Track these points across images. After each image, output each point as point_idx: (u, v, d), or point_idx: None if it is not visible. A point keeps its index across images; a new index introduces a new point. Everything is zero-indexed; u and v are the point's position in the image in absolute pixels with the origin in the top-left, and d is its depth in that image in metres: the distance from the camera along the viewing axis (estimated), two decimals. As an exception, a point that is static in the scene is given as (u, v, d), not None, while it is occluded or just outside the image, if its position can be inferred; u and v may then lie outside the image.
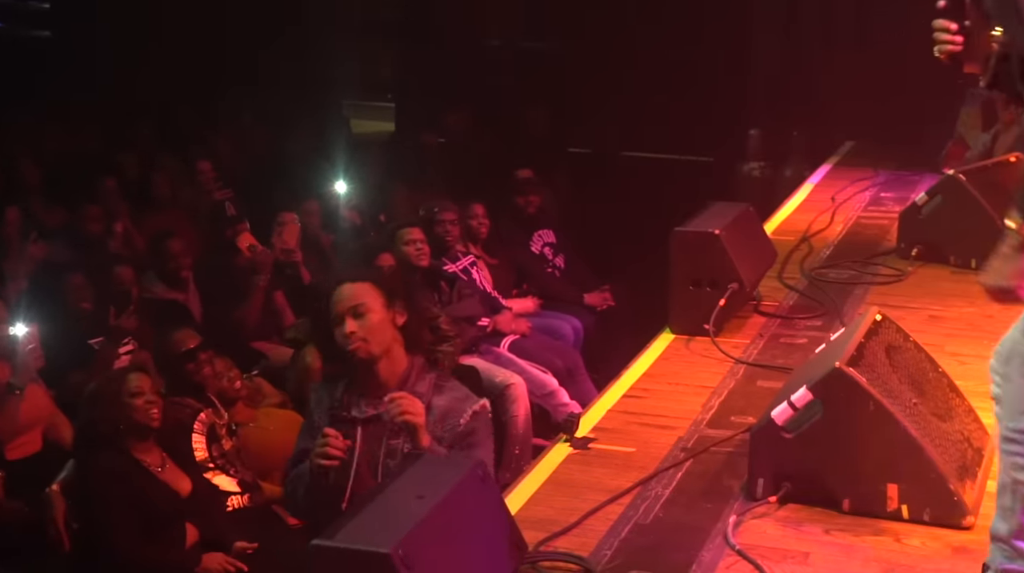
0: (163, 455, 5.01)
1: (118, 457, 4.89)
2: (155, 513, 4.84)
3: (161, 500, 4.87)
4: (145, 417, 4.89)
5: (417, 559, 2.62)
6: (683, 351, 5.08)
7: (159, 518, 4.84)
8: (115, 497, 4.78)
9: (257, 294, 7.23)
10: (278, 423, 5.88)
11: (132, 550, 4.74)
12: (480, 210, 7.75)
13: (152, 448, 4.99)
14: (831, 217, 7.16)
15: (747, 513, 3.61)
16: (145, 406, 4.89)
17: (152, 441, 4.99)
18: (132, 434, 4.92)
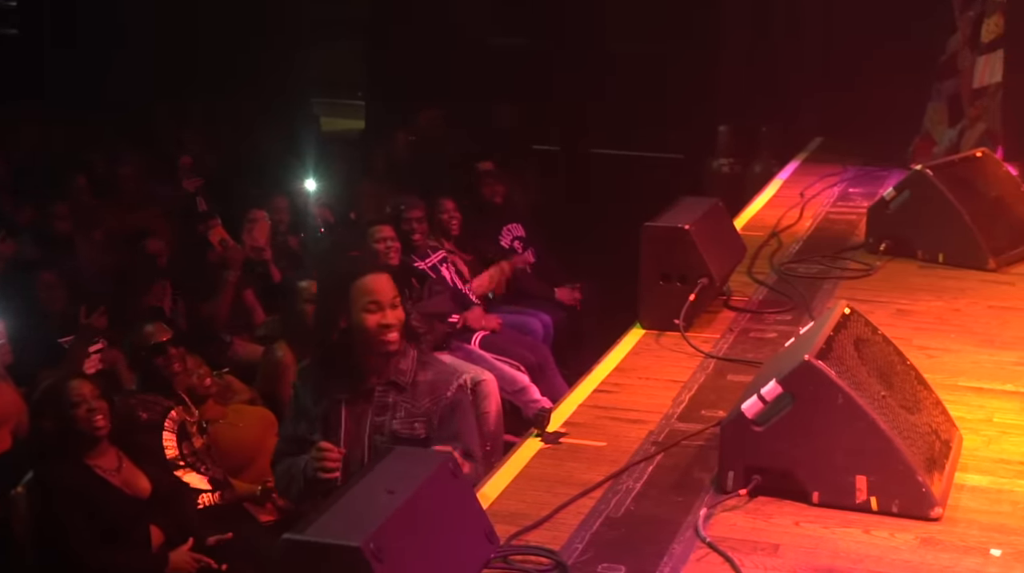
0: (119, 456, 4.95)
1: (69, 467, 4.82)
2: (113, 519, 4.79)
3: (118, 506, 4.81)
4: (88, 425, 4.83)
5: (388, 553, 2.63)
6: (653, 346, 5.09)
7: (118, 523, 4.79)
8: (70, 508, 4.72)
9: (228, 290, 7.21)
10: (248, 420, 5.87)
11: (94, 558, 4.70)
12: (450, 205, 7.75)
13: (107, 450, 4.92)
14: (800, 212, 7.19)
15: (717, 506, 3.62)
16: (87, 415, 4.83)
17: (106, 443, 4.93)
18: (79, 443, 4.86)
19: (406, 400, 4.02)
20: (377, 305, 3.96)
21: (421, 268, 7.17)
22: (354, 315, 3.97)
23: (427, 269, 7.22)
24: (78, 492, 4.76)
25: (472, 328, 7.11)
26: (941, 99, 8.25)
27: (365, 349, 4.00)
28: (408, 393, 4.03)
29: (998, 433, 4.18)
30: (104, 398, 4.94)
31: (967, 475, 3.84)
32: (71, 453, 4.85)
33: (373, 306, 3.95)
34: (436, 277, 7.21)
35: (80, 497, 4.75)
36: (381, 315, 3.94)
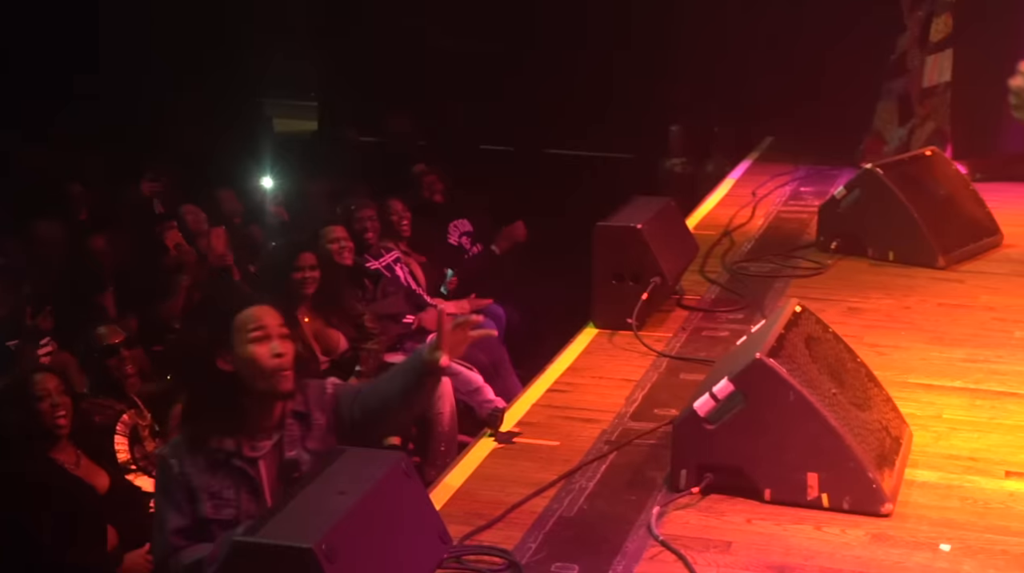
0: (77, 453, 4.94)
1: (31, 461, 4.80)
2: (73, 510, 4.77)
3: (78, 497, 4.80)
4: (51, 420, 4.81)
5: (340, 554, 2.62)
6: (606, 345, 5.11)
7: (78, 515, 4.77)
8: (31, 501, 4.69)
9: (180, 293, 7.16)
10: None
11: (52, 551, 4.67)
12: (399, 206, 7.73)
13: (66, 447, 4.92)
14: (752, 211, 7.23)
15: (670, 504, 3.64)
16: (51, 410, 4.81)
17: (65, 441, 4.92)
18: (42, 439, 4.84)
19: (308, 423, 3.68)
20: (263, 333, 3.59)
21: (375, 268, 7.15)
22: (238, 349, 3.57)
23: (381, 269, 7.20)
24: (40, 483, 4.74)
25: (426, 329, 7.10)
26: (891, 98, 8.31)
27: (254, 388, 3.58)
28: (307, 415, 3.69)
29: (947, 429, 4.22)
30: (67, 395, 4.92)
31: (917, 471, 3.87)
32: (34, 446, 4.82)
33: (259, 334, 3.58)
34: (390, 277, 7.19)
35: (42, 488, 4.73)
36: (269, 345, 3.57)
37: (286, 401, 3.64)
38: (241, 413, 3.62)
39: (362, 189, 8.53)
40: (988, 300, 5.63)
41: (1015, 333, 5.23)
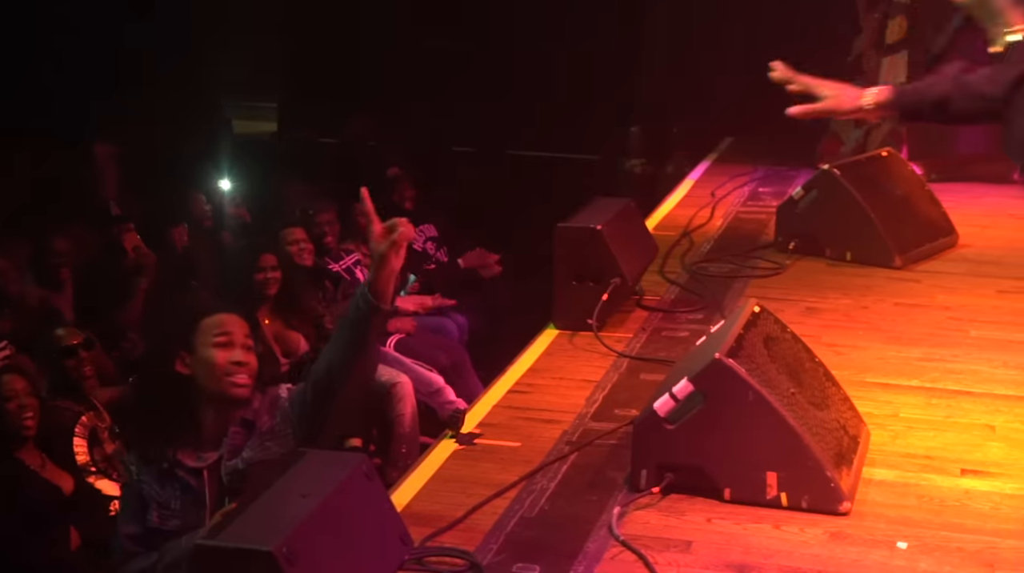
0: (42, 456, 4.94)
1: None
2: (38, 510, 4.75)
3: (43, 497, 4.79)
4: (17, 421, 4.80)
5: (301, 557, 2.62)
6: (567, 346, 5.12)
7: (42, 515, 4.76)
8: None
9: (139, 295, 7.13)
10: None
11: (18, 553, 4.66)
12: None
13: (32, 449, 4.91)
14: (711, 212, 7.26)
15: (631, 504, 3.65)
16: (18, 411, 4.80)
17: (31, 443, 4.91)
18: (8, 440, 4.82)
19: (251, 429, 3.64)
20: (227, 339, 3.58)
21: (335, 270, 7.14)
22: (200, 351, 3.56)
23: (341, 271, 7.19)
24: (7, 482, 4.71)
25: (387, 331, 7.10)
26: (848, 100, 8.36)
27: (210, 393, 3.58)
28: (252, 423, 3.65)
29: (904, 428, 4.25)
30: (35, 396, 4.91)
31: (874, 469, 3.90)
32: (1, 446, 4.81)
33: (223, 339, 3.57)
34: (350, 279, 7.19)
35: (8, 488, 4.71)
36: (232, 352, 3.56)
37: (236, 410, 3.59)
38: (191, 421, 3.59)
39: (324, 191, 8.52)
40: (944, 300, 5.68)
41: (971, 332, 5.28)
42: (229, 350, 3.58)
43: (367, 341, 3.57)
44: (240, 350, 3.59)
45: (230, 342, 3.59)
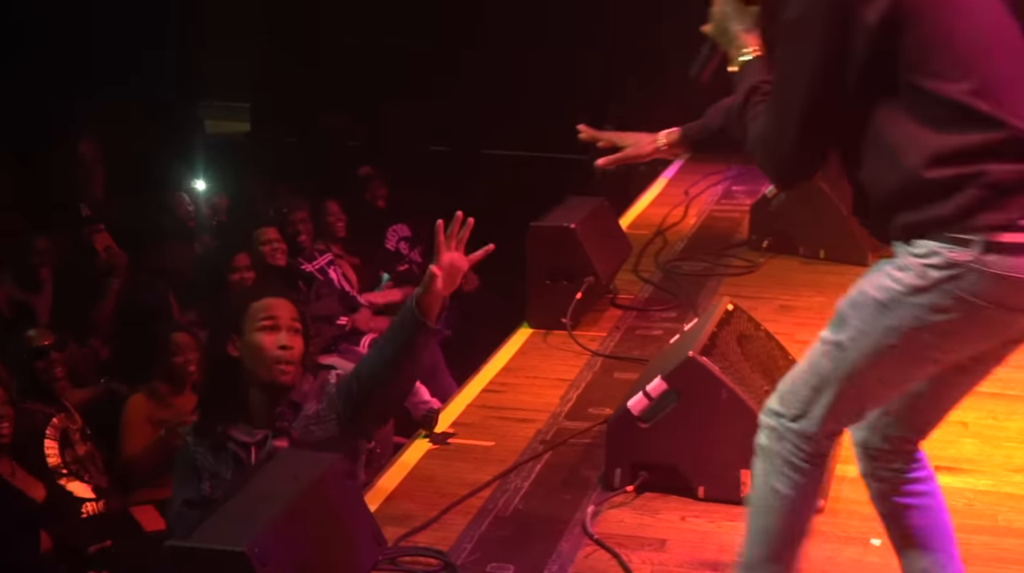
0: (12, 464, 4.89)
1: None
2: (10, 522, 4.71)
3: (16, 508, 4.75)
4: None
5: (273, 557, 2.61)
6: (541, 345, 5.12)
7: (12, 525, 4.72)
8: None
9: (110, 297, 7.09)
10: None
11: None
12: (334, 207, 7.70)
13: (2, 458, 4.86)
14: (685, 211, 7.27)
15: (605, 503, 3.66)
16: None
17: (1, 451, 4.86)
18: None
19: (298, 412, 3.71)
20: (274, 323, 3.63)
21: (308, 270, 7.12)
22: (247, 336, 3.63)
23: (314, 271, 7.17)
24: None
25: (360, 330, 7.08)
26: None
27: (256, 377, 3.65)
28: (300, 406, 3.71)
29: (878, 425, 4.26)
30: (10, 405, 4.87)
31: (848, 466, 3.87)
32: None
33: (269, 323, 3.63)
34: (323, 279, 7.17)
35: None
36: (278, 335, 3.62)
37: (285, 393, 3.67)
38: (243, 399, 3.68)
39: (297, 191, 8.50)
40: (917, 297, 5.69)
41: (944, 329, 5.30)
42: (275, 333, 3.64)
43: (409, 351, 3.61)
44: (286, 333, 3.65)
45: (276, 326, 3.65)
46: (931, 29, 2.42)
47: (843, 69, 2.46)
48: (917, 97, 2.42)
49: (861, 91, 2.47)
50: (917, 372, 2.60)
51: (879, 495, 2.87)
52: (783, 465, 2.66)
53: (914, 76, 2.42)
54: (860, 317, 2.57)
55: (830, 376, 2.60)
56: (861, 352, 2.55)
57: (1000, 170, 2.35)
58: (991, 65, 2.42)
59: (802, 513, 2.72)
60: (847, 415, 2.67)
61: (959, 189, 2.36)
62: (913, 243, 2.45)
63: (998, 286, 2.38)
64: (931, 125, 2.40)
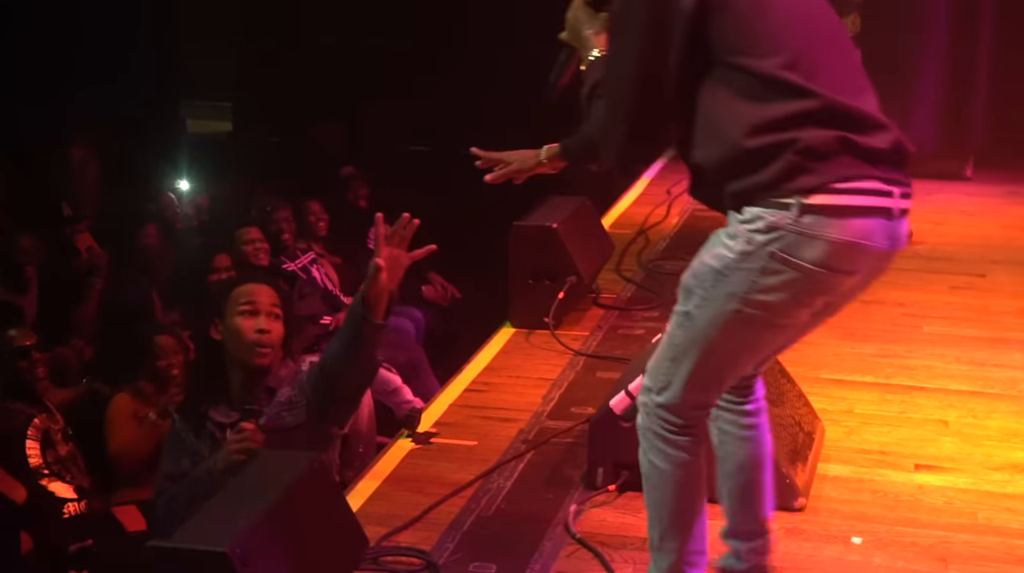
0: None
1: None
2: None
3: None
4: None
5: (255, 557, 2.60)
6: (523, 344, 5.12)
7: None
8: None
9: (93, 296, 7.08)
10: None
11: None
12: (316, 207, 7.70)
13: None
14: (667, 210, 7.28)
15: (587, 502, 3.66)
16: None
17: None
18: None
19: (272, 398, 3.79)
20: (252, 308, 3.73)
21: (291, 270, 7.11)
22: (229, 320, 3.74)
23: (297, 270, 7.16)
24: None
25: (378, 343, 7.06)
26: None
27: (235, 361, 3.75)
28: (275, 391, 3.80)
29: (859, 424, 4.28)
30: None
31: (829, 465, 3.93)
32: None
33: (248, 308, 3.73)
34: (306, 278, 7.16)
35: None
36: (257, 320, 3.72)
37: (263, 376, 3.76)
38: (225, 381, 3.78)
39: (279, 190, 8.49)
40: (898, 296, 5.71)
41: (924, 328, 5.33)
42: (254, 318, 3.74)
43: (358, 345, 3.70)
44: (265, 318, 3.74)
45: (255, 310, 3.75)
46: (742, 10, 2.56)
47: (666, 53, 2.59)
48: (734, 75, 2.55)
49: (685, 74, 2.60)
50: (765, 337, 2.71)
51: (715, 422, 3.00)
52: (655, 439, 2.78)
53: (729, 55, 2.55)
54: (702, 286, 2.68)
55: (685, 347, 2.72)
56: (708, 320, 2.67)
57: (812, 136, 2.48)
58: (801, 40, 2.57)
59: (685, 488, 2.82)
60: (708, 385, 2.76)
61: (776, 156, 2.49)
62: (742, 211, 2.58)
63: (817, 247, 2.51)
64: (748, 99, 2.53)
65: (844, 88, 2.56)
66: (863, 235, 2.53)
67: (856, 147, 2.51)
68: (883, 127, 2.57)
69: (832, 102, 2.51)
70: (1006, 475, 3.89)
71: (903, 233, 2.63)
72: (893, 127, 2.60)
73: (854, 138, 2.50)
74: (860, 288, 2.73)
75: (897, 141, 2.58)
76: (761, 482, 3.01)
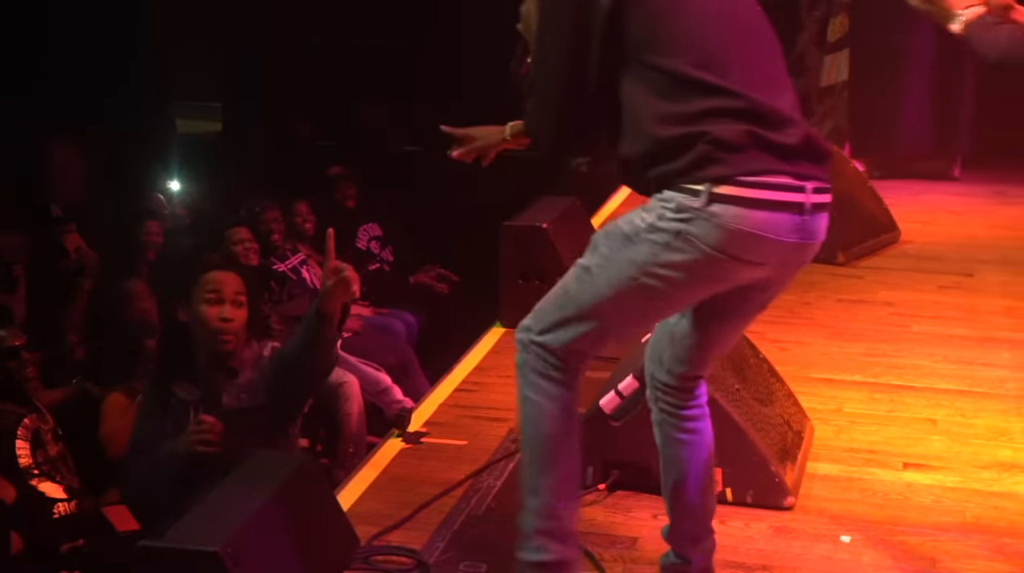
0: None
1: None
2: None
3: None
4: None
5: (246, 556, 2.61)
6: (513, 344, 5.11)
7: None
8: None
9: (82, 296, 7.06)
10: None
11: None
12: (304, 208, 7.69)
13: None
14: (655, 210, 7.27)
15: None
16: None
17: None
18: None
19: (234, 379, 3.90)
20: (217, 296, 3.86)
21: (281, 270, 7.11)
22: (194, 305, 3.88)
23: (287, 271, 7.16)
24: None
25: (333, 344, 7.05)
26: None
27: (200, 343, 3.89)
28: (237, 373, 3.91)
29: (847, 423, 4.30)
30: None
31: (818, 464, 3.94)
32: None
33: (213, 297, 3.85)
34: (296, 279, 7.16)
35: None
36: (221, 308, 3.84)
37: (226, 359, 3.88)
38: (189, 361, 3.91)
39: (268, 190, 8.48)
40: (886, 295, 5.74)
41: (912, 327, 5.35)
42: (218, 306, 3.85)
43: (313, 351, 3.80)
44: (228, 306, 3.86)
45: (219, 299, 3.86)
46: (655, 9, 2.66)
47: (589, 46, 2.69)
48: (648, 73, 2.65)
49: (607, 69, 2.69)
50: (654, 308, 2.79)
51: (659, 425, 3.09)
52: (530, 373, 2.90)
53: (643, 53, 2.65)
54: (608, 245, 2.76)
55: (576, 298, 2.81)
56: (605, 279, 2.74)
57: (723, 130, 2.56)
58: (715, 39, 2.67)
59: (561, 423, 2.92)
60: (589, 340, 2.84)
61: (690, 146, 2.58)
62: (661, 193, 2.65)
63: (720, 234, 2.57)
64: (662, 96, 2.63)
65: (758, 86, 2.63)
66: (767, 228, 2.59)
67: (765, 142, 2.58)
68: (793, 123, 2.64)
69: (743, 99, 2.59)
70: (994, 473, 3.91)
71: (817, 227, 2.68)
72: (803, 124, 2.67)
73: (764, 133, 2.58)
74: (781, 280, 2.79)
75: (807, 136, 2.64)
76: (700, 485, 3.05)
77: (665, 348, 3.00)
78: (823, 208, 2.67)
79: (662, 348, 3.01)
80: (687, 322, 2.92)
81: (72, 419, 5.67)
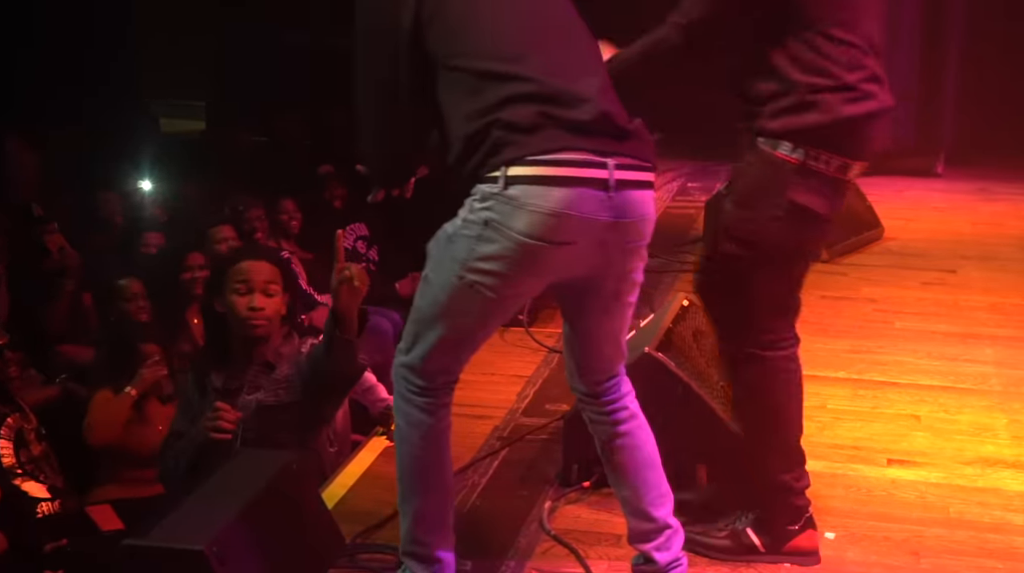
0: None
1: None
2: None
3: None
4: None
5: (231, 555, 2.61)
6: (498, 342, 5.13)
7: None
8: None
9: (65, 297, 7.04)
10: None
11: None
12: (289, 205, 7.67)
13: None
14: (640, 208, 7.27)
15: (562, 499, 3.67)
16: None
17: None
18: None
19: (271, 374, 3.93)
20: (247, 286, 3.90)
21: (265, 269, 7.09)
22: (227, 297, 3.92)
23: (271, 269, 7.14)
24: None
25: (318, 328, 7.05)
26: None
27: (235, 333, 3.94)
28: (274, 367, 3.95)
29: (832, 419, 4.31)
30: None
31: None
32: None
33: (242, 287, 3.89)
34: (280, 277, 7.14)
35: None
36: (250, 298, 3.88)
37: (262, 349, 3.92)
38: (227, 350, 3.98)
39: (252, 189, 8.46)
40: (870, 292, 5.76)
41: (896, 324, 5.36)
42: (248, 297, 3.90)
43: (334, 358, 3.77)
44: (259, 295, 3.91)
45: (249, 289, 3.91)
46: (451, 21, 2.74)
47: (400, 69, 2.79)
48: (453, 75, 2.73)
49: (421, 85, 2.77)
50: (487, 307, 2.77)
51: (594, 434, 3.11)
52: (399, 399, 2.92)
53: (447, 59, 2.73)
54: (437, 250, 2.81)
55: (422, 310, 2.85)
56: (439, 285, 2.78)
57: (513, 113, 2.63)
58: (513, 38, 2.73)
59: (422, 450, 2.94)
60: (444, 351, 2.85)
61: (486, 136, 2.65)
62: (474, 188, 2.70)
63: (523, 217, 2.61)
64: (467, 95, 2.70)
65: (555, 71, 2.68)
66: (567, 205, 2.60)
67: (559, 120, 2.62)
68: (590, 102, 2.66)
69: (536, 82, 2.65)
70: (977, 469, 3.92)
71: (629, 204, 2.69)
72: (606, 103, 2.70)
73: (556, 112, 2.62)
74: (618, 263, 2.80)
75: (603, 113, 2.67)
76: (643, 486, 3.06)
77: (568, 359, 3.03)
78: (633, 185, 2.69)
79: (567, 359, 3.04)
80: (567, 329, 2.97)
81: (56, 419, 5.65)
